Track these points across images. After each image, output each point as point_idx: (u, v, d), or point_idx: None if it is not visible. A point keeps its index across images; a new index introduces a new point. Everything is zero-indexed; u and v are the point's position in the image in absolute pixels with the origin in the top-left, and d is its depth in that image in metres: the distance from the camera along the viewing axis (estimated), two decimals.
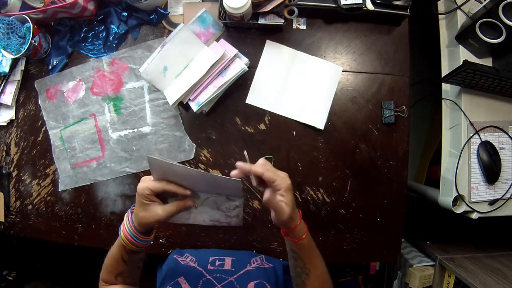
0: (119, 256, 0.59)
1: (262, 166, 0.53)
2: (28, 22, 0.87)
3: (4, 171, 0.98)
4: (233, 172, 0.53)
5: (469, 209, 0.87)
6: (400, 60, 0.88)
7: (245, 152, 0.59)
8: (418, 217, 1.17)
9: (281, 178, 0.53)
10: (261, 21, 0.83)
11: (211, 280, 0.66)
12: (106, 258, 0.62)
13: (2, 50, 0.89)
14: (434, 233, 1.20)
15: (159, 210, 0.54)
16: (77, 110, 0.95)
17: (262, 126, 0.89)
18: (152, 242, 0.60)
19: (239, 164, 0.53)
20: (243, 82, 0.88)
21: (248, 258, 0.76)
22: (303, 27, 0.89)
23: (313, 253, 0.60)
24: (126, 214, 0.58)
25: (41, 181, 0.97)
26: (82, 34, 0.93)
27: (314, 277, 0.59)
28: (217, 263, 0.73)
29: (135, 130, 0.93)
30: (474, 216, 0.87)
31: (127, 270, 0.61)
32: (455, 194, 0.86)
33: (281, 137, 0.89)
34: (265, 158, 0.57)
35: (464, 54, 0.87)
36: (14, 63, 0.96)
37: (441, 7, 0.92)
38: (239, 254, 0.79)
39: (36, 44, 0.89)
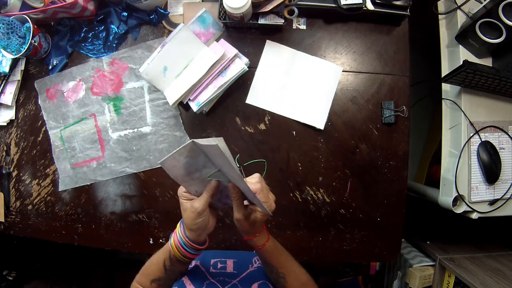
0: (162, 261, 0.60)
1: (256, 184, 0.53)
2: (28, 22, 0.87)
3: (4, 171, 0.98)
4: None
5: (469, 209, 0.87)
6: (400, 60, 0.88)
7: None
8: (418, 217, 1.17)
9: (271, 202, 0.55)
10: (261, 21, 0.83)
11: (215, 283, 0.66)
12: (148, 261, 0.63)
13: (2, 50, 0.89)
14: (434, 233, 1.20)
15: (195, 203, 0.54)
16: (77, 110, 0.95)
17: (262, 126, 0.89)
18: (199, 254, 0.61)
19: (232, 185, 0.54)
20: (243, 82, 0.88)
21: (249, 259, 0.76)
22: (303, 27, 0.89)
23: (281, 257, 0.61)
24: (180, 221, 0.59)
25: (41, 181, 0.97)
26: (82, 34, 0.93)
27: (291, 280, 0.61)
28: (219, 265, 0.73)
29: (135, 130, 0.93)
30: (474, 216, 0.87)
31: (164, 279, 0.61)
32: (455, 194, 0.86)
33: (281, 137, 0.89)
34: (258, 161, 0.57)
35: (464, 54, 0.87)
36: (14, 63, 0.96)
37: (441, 7, 0.92)
38: (239, 255, 0.78)
39: (36, 44, 0.89)
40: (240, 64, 0.83)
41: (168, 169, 0.53)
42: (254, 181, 0.54)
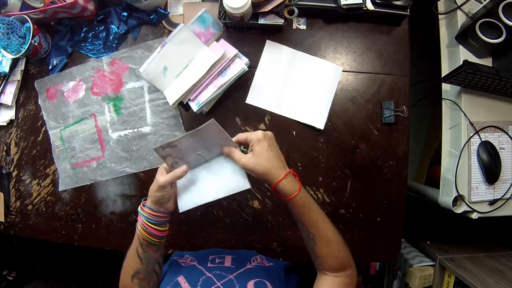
0: (135, 251, 0.61)
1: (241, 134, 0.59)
2: (28, 22, 0.87)
3: (4, 171, 0.98)
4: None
5: (469, 209, 0.87)
6: (400, 60, 0.88)
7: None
8: (418, 217, 1.17)
9: (253, 133, 0.57)
10: (261, 21, 0.83)
11: (211, 277, 0.65)
12: (124, 260, 0.64)
13: (2, 50, 0.89)
14: (434, 233, 1.20)
15: (160, 177, 0.59)
16: (77, 110, 0.95)
17: (262, 126, 0.89)
18: (168, 231, 0.63)
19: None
20: (243, 82, 0.88)
21: (248, 257, 0.76)
22: (303, 27, 0.89)
23: (312, 215, 0.56)
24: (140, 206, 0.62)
25: (41, 181, 0.97)
26: (82, 34, 0.93)
27: (320, 243, 0.56)
28: (217, 260, 0.72)
29: (135, 130, 0.93)
30: (474, 216, 0.87)
31: (143, 270, 0.62)
32: (455, 194, 0.86)
33: (281, 137, 0.89)
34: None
35: (464, 54, 0.87)
36: (14, 63, 0.96)
37: (441, 7, 0.92)
38: (239, 253, 0.79)
39: (36, 44, 0.89)
40: (240, 64, 0.83)
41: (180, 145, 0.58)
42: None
